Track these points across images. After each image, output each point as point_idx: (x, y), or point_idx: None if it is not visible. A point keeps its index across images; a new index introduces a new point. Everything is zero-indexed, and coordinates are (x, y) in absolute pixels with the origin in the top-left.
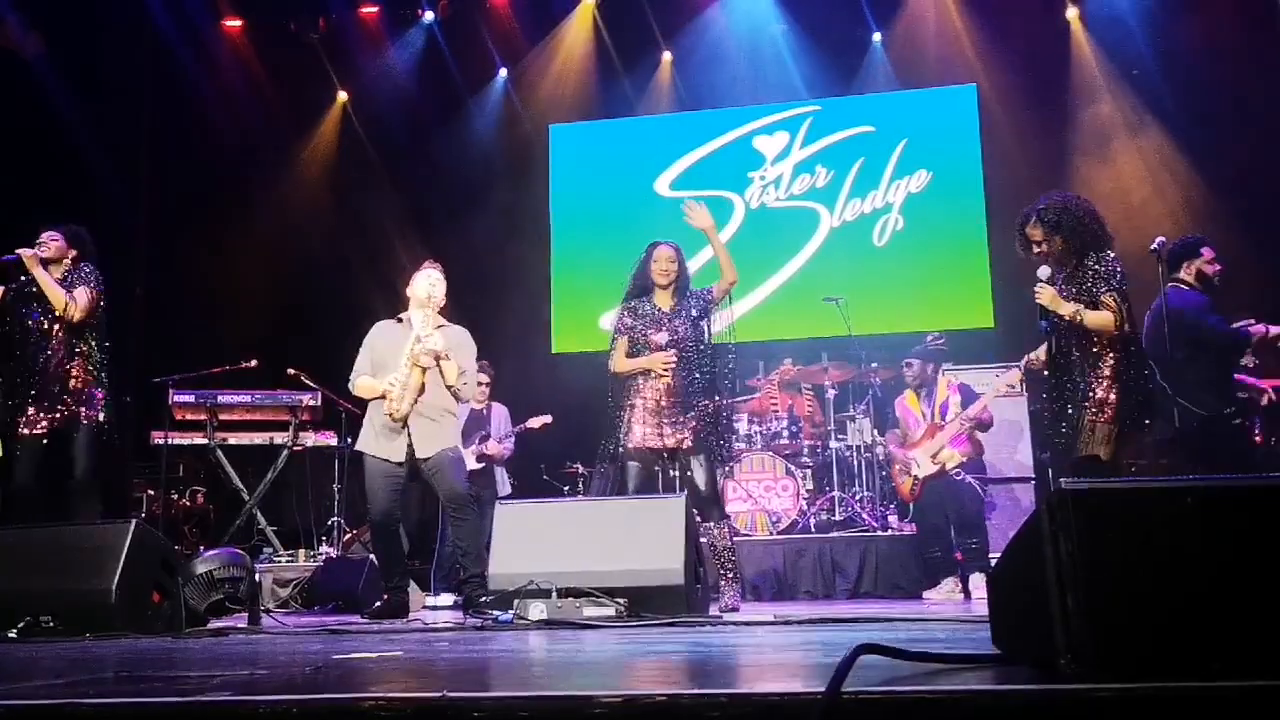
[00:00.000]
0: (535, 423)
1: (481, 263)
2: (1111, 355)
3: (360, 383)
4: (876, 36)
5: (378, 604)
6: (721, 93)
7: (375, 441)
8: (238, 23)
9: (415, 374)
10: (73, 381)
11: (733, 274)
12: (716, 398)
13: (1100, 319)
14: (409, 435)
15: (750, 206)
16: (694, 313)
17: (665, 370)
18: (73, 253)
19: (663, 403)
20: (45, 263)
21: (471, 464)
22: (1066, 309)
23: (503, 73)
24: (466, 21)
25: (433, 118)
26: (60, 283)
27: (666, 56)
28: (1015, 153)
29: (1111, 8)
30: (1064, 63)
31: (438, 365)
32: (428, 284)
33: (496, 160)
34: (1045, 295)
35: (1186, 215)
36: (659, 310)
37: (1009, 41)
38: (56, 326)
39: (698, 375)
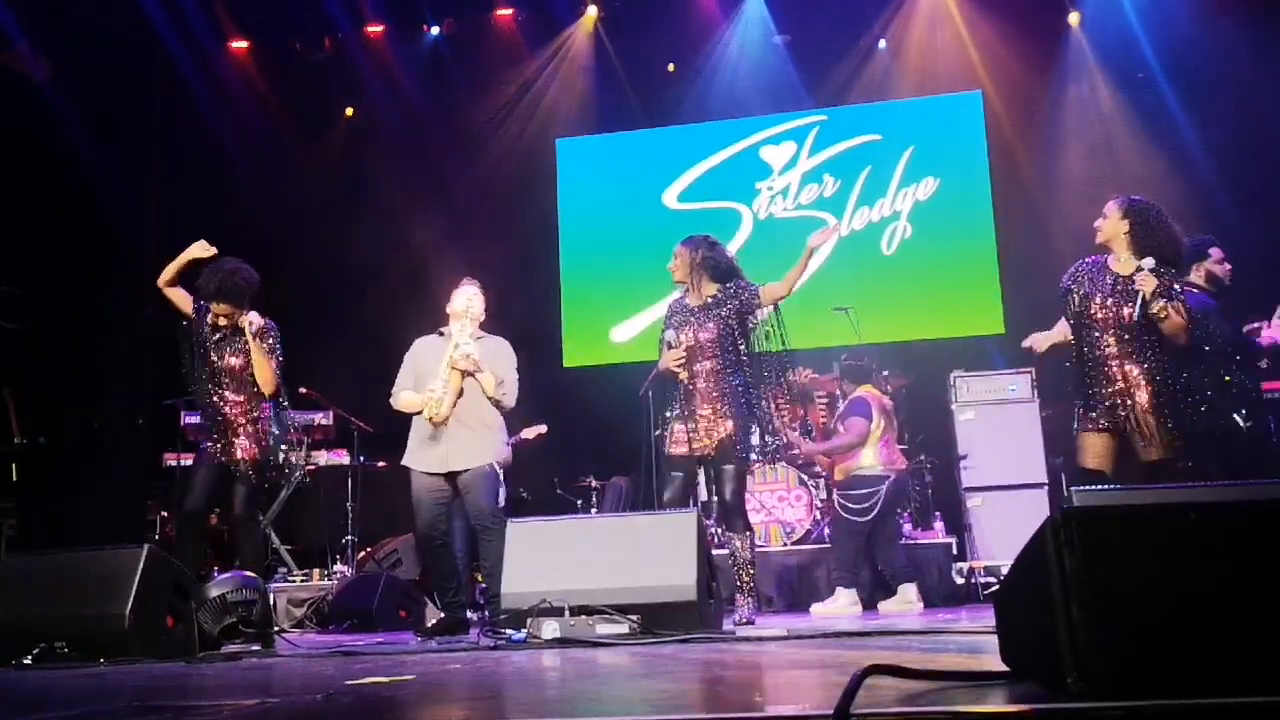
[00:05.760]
0: (530, 433)
1: (490, 278)
2: (1170, 360)
3: (403, 397)
4: (881, 44)
5: (434, 622)
6: (727, 104)
7: (418, 454)
8: (244, 44)
9: (454, 377)
10: (248, 423)
11: (787, 289)
12: (756, 402)
13: (1177, 323)
14: (447, 446)
15: (759, 217)
16: (730, 310)
17: (677, 369)
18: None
19: (693, 406)
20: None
21: None
22: (1159, 303)
23: (508, 88)
24: (472, 38)
25: (439, 134)
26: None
27: (671, 68)
28: (1022, 158)
29: (1113, 12)
30: (1067, 67)
31: (474, 376)
32: (465, 299)
33: (503, 175)
34: (1150, 284)
35: (1193, 216)
36: (686, 307)
37: (1013, 47)
38: (240, 377)
39: (732, 376)
